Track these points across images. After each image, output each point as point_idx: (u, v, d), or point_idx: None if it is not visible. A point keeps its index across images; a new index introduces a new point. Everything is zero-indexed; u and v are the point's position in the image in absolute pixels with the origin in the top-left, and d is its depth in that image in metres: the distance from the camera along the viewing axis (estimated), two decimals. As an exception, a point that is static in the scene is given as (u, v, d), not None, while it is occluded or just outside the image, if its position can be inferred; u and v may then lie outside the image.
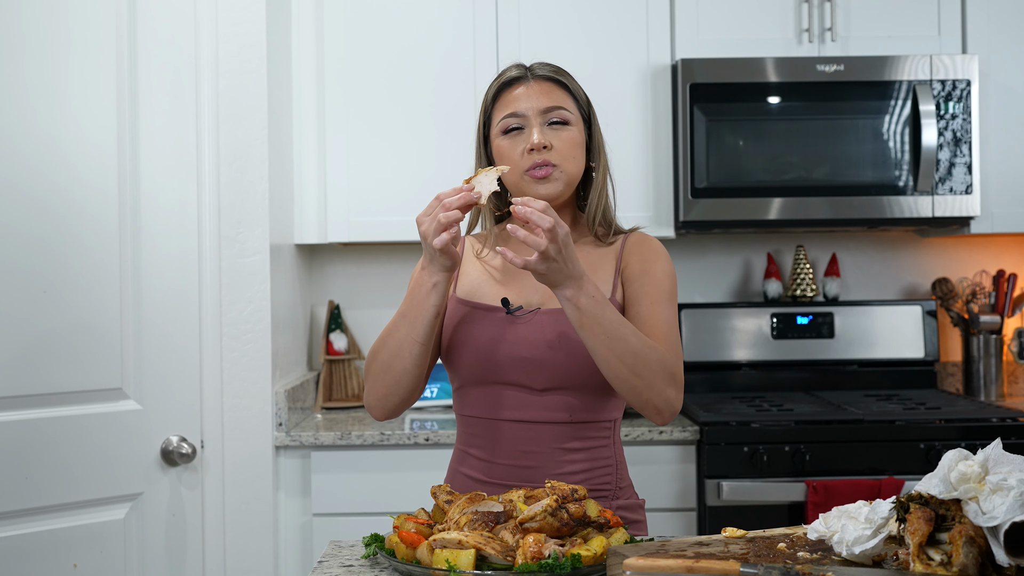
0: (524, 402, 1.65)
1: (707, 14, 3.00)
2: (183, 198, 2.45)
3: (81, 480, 2.25)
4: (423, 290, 1.57)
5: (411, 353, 1.60)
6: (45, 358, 2.20)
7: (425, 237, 1.53)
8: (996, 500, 1.05)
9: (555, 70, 1.71)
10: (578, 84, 1.73)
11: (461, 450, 1.74)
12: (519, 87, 1.69)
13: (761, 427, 2.67)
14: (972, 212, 2.94)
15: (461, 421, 1.75)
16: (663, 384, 1.57)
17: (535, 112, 1.66)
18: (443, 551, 1.29)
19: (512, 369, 1.64)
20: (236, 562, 2.55)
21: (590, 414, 1.67)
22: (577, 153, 1.68)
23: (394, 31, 2.99)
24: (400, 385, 1.63)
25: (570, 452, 1.66)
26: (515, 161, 1.66)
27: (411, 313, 1.59)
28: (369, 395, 1.68)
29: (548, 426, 1.65)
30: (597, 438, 1.69)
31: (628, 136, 3.00)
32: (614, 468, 1.71)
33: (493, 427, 1.68)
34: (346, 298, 3.33)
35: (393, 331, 1.62)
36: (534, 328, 1.65)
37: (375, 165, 2.98)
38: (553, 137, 1.65)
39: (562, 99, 1.68)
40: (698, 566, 1.13)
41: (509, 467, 1.66)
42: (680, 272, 3.35)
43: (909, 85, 2.92)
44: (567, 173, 1.67)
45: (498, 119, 1.69)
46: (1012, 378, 3.33)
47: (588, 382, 1.64)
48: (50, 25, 2.20)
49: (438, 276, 1.56)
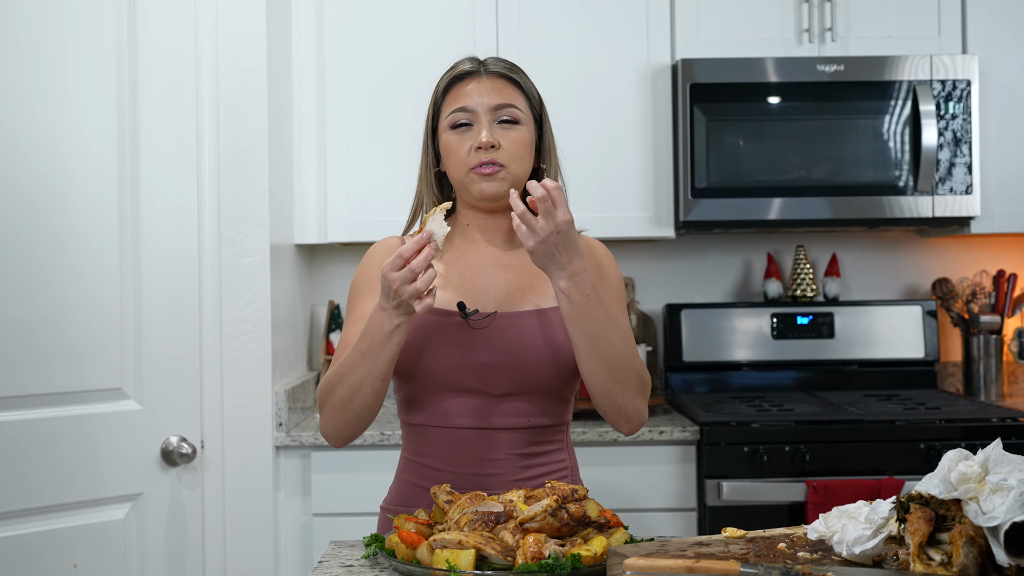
0: (484, 409, 1.62)
1: (707, 14, 3.00)
2: (183, 198, 2.45)
3: (81, 480, 2.25)
4: (383, 331, 1.51)
5: (372, 389, 1.56)
6: (45, 358, 2.19)
7: (398, 296, 1.46)
8: (996, 500, 1.05)
9: (509, 67, 1.68)
10: (531, 83, 1.70)
11: (412, 460, 1.68)
12: (471, 82, 1.65)
13: (761, 427, 2.67)
14: (972, 212, 2.94)
15: (412, 430, 1.68)
16: (637, 393, 1.60)
17: (485, 109, 1.63)
18: (443, 551, 1.29)
19: (473, 375, 1.61)
20: (236, 562, 2.55)
21: (547, 419, 1.66)
22: (525, 154, 1.65)
23: (394, 31, 2.99)
24: (360, 417, 1.60)
25: (529, 458, 1.64)
26: (461, 157, 1.63)
27: (372, 353, 1.53)
28: (326, 426, 1.63)
29: (508, 432, 1.63)
30: (553, 442, 1.68)
31: (628, 136, 3.00)
32: (570, 471, 1.70)
33: (451, 436, 1.63)
34: (346, 298, 3.33)
35: (353, 368, 1.55)
36: (492, 333, 1.62)
37: (375, 165, 2.98)
38: (502, 136, 1.62)
39: (514, 97, 1.65)
40: (698, 566, 1.13)
41: (468, 476, 1.62)
42: (680, 272, 3.36)
43: (909, 85, 2.92)
44: (513, 174, 1.63)
45: (447, 113, 1.65)
46: (1012, 378, 3.33)
47: (547, 386, 1.63)
48: (50, 25, 2.20)
49: (399, 319, 1.50)
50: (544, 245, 1.48)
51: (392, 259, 1.46)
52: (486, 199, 1.64)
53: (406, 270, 1.45)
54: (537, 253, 1.49)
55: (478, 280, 1.67)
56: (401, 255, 1.45)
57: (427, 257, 1.45)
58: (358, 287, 1.70)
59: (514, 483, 1.61)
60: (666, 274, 3.34)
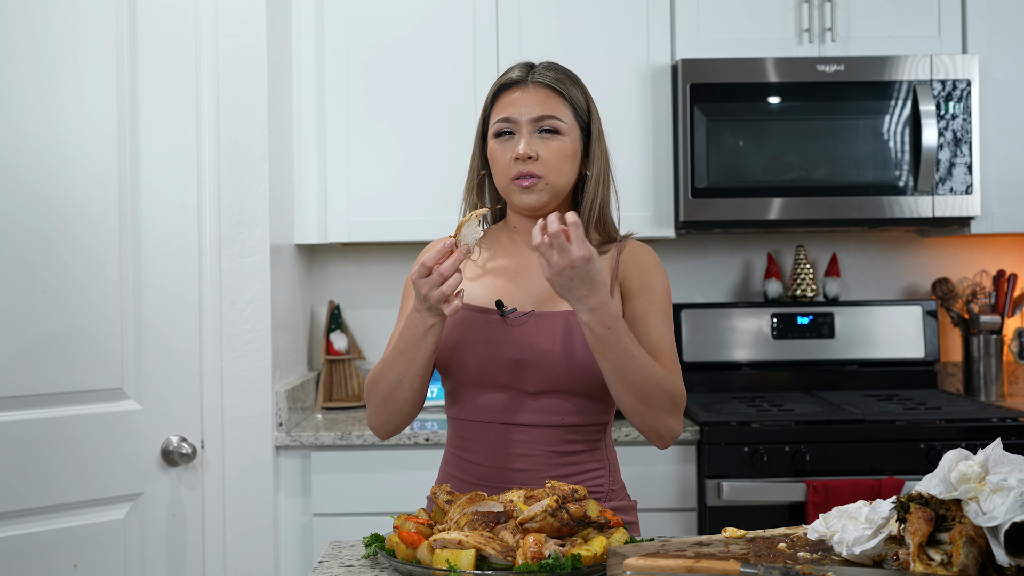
0: (517, 405, 1.65)
1: (707, 14, 3.00)
2: (183, 198, 2.45)
3: (81, 480, 2.25)
4: (419, 331, 1.58)
5: (411, 386, 1.63)
6: (45, 358, 2.20)
7: (427, 300, 1.52)
8: (996, 500, 1.05)
9: (556, 78, 1.69)
10: (579, 92, 1.70)
11: (453, 453, 1.73)
12: (517, 91, 1.68)
13: (761, 427, 2.67)
14: (972, 212, 2.94)
15: (454, 424, 1.74)
16: (668, 413, 1.61)
17: (527, 120, 1.65)
18: (443, 551, 1.29)
19: (506, 372, 1.64)
20: (236, 562, 2.55)
21: (582, 418, 1.67)
22: (565, 164, 1.66)
23: (394, 31, 2.99)
24: (401, 412, 1.67)
25: (563, 455, 1.66)
26: (503, 167, 1.66)
27: (409, 352, 1.60)
28: (371, 419, 1.71)
29: (541, 429, 1.65)
30: (589, 441, 1.69)
31: (628, 136, 3.00)
32: (607, 471, 1.71)
33: (487, 430, 1.67)
34: (346, 298, 3.33)
35: (392, 365, 1.63)
36: (528, 331, 1.65)
37: (376, 165, 2.98)
38: (541, 147, 1.64)
39: (557, 108, 1.66)
40: (698, 566, 1.13)
41: (503, 470, 1.65)
42: (680, 272, 3.36)
43: (909, 85, 2.92)
44: (552, 185, 1.65)
45: (493, 121, 1.69)
46: (1012, 378, 3.33)
47: (580, 386, 1.64)
48: (50, 25, 2.20)
49: (433, 320, 1.56)
50: (559, 278, 1.49)
51: (418, 267, 1.52)
52: (526, 210, 1.68)
53: (435, 275, 1.50)
54: (554, 285, 1.51)
55: (520, 280, 1.71)
56: (424, 264, 1.50)
57: (455, 262, 1.50)
58: (407, 286, 1.76)
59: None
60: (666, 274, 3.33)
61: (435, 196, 2.95)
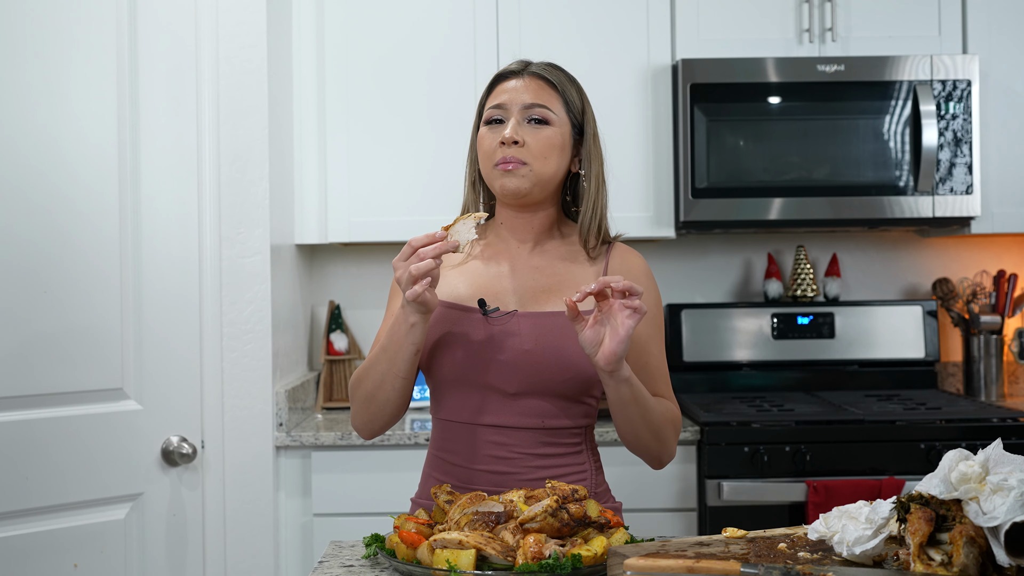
0: (498, 406, 1.63)
1: (707, 14, 3.00)
2: (183, 198, 2.45)
3: (81, 480, 2.25)
4: (402, 328, 1.55)
5: (393, 387, 1.61)
6: (45, 358, 2.20)
7: (399, 283, 1.51)
8: (997, 500, 1.05)
9: (550, 71, 1.70)
10: (574, 91, 1.71)
11: (434, 454, 1.71)
12: (512, 80, 1.68)
13: (761, 427, 2.68)
14: (972, 212, 2.94)
15: (435, 425, 1.72)
16: (672, 441, 1.67)
17: (517, 107, 1.65)
18: (443, 551, 1.29)
19: (486, 372, 1.62)
20: (236, 562, 2.55)
21: (562, 420, 1.65)
22: (551, 155, 1.65)
23: (394, 32, 2.99)
24: (384, 412, 1.65)
25: (542, 458, 1.64)
26: (488, 151, 1.65)
27: (391, 348, 1.58)
28: (355, 418, 1.69)
29: (520, 431, 1.63)
30: (569, 444, 1.67)
31: (628, 136, 3.00)
32: (590, 474, 1.69)
33: (464, 431, 1.65)
34: (346, 298, 3.33)
35: (375, 363, 1.61)
36: (510, 331, 1.63)
37: (376, 165, 2.98)
38: (529, 134, 1.64)
39: (548, 99, 1.66)
40: (698, 566, 1.13)
41: (484, 472, 1.63)
42: (680, 272, 3.36)
43: (909, 85, 2.92)
44: (536, 173, 1.64)
45: (486, 109, 1.69)
46: (1012, 378, 3.33)
47: (562, 388, 1.63)
48: (50, 25, 2.20)
49: (415, 318, 1.54)
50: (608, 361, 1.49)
51: (403, 249, 1.51)
52: (507, 195, 1.65)
53: (407, 247, 1.50)
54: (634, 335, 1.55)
55: (505, 278, 1.69)
56: (411, 244, 1.50)
57: (437, 249, 1.49)
58: (394, 286, 1.74)
59: (529, 483, 1.60)
60: (666, 274, 3.34)
61: (435, 196, 2.95)
